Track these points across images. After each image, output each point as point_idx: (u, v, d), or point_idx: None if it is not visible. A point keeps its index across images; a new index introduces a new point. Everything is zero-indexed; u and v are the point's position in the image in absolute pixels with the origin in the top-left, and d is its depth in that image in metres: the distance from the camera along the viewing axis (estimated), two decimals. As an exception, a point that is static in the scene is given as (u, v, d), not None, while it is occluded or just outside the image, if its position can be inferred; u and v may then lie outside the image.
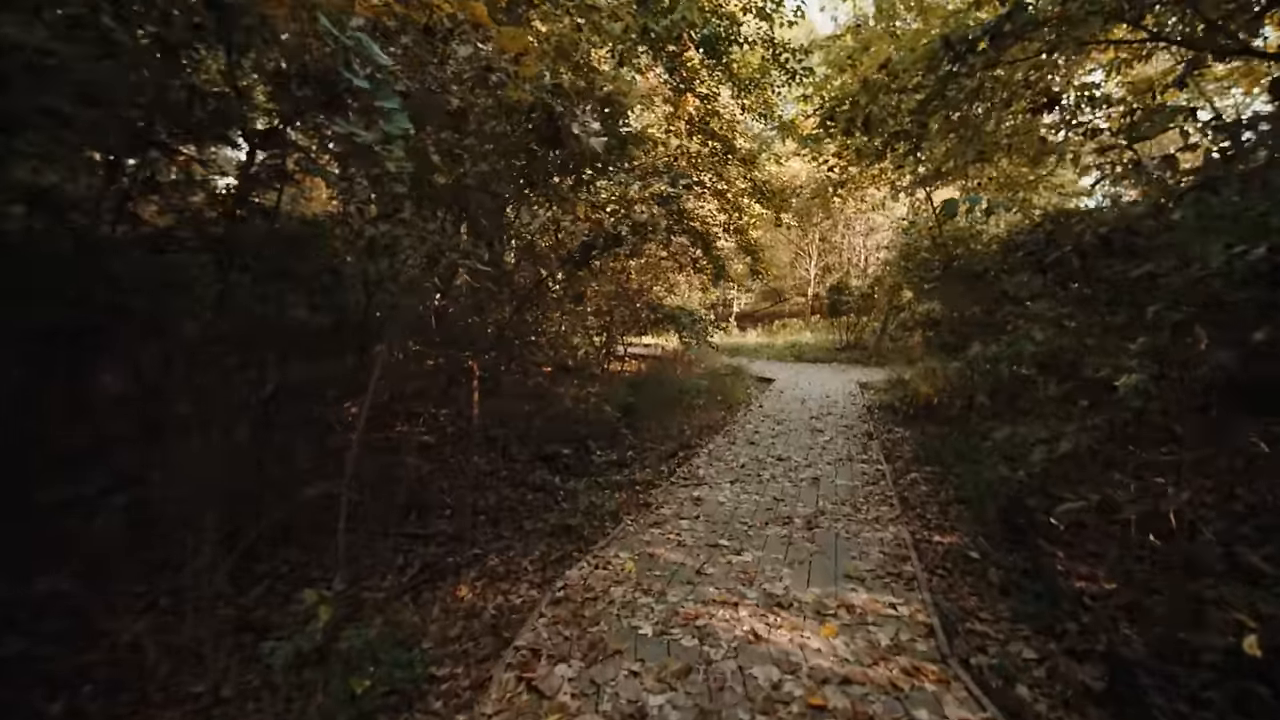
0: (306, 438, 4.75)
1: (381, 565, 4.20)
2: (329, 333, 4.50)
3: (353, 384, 4.99)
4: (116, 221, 3.37)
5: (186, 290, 3.65)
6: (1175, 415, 2.14)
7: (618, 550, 3.65)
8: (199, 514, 3.24)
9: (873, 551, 3.60)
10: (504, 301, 6.11)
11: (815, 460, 5.90)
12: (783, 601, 2.94)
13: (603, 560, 3.53)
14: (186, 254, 3.65)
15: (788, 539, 3.81)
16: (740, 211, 11.29)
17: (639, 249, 8.80)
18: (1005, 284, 4.64)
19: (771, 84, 8.92)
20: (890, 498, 4.68)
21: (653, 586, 3.15)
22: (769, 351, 17.88)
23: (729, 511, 4.36)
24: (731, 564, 3.42)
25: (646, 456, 6.59)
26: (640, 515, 4.34)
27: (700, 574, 3.29)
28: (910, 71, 4.93)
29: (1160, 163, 2.65)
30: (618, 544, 3.79)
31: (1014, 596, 3.51)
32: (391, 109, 2.13)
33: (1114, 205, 2.59)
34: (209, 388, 3.82)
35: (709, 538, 3.84)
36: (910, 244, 8.35)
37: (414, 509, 4.93)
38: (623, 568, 3.40)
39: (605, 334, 10.16)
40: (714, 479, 5.24)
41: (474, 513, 5.00)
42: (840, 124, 5.62)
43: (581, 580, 3.28)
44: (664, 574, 3.31)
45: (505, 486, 5.61)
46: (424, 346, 6.02)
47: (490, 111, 3.30)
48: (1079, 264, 2.62)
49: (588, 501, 4.95)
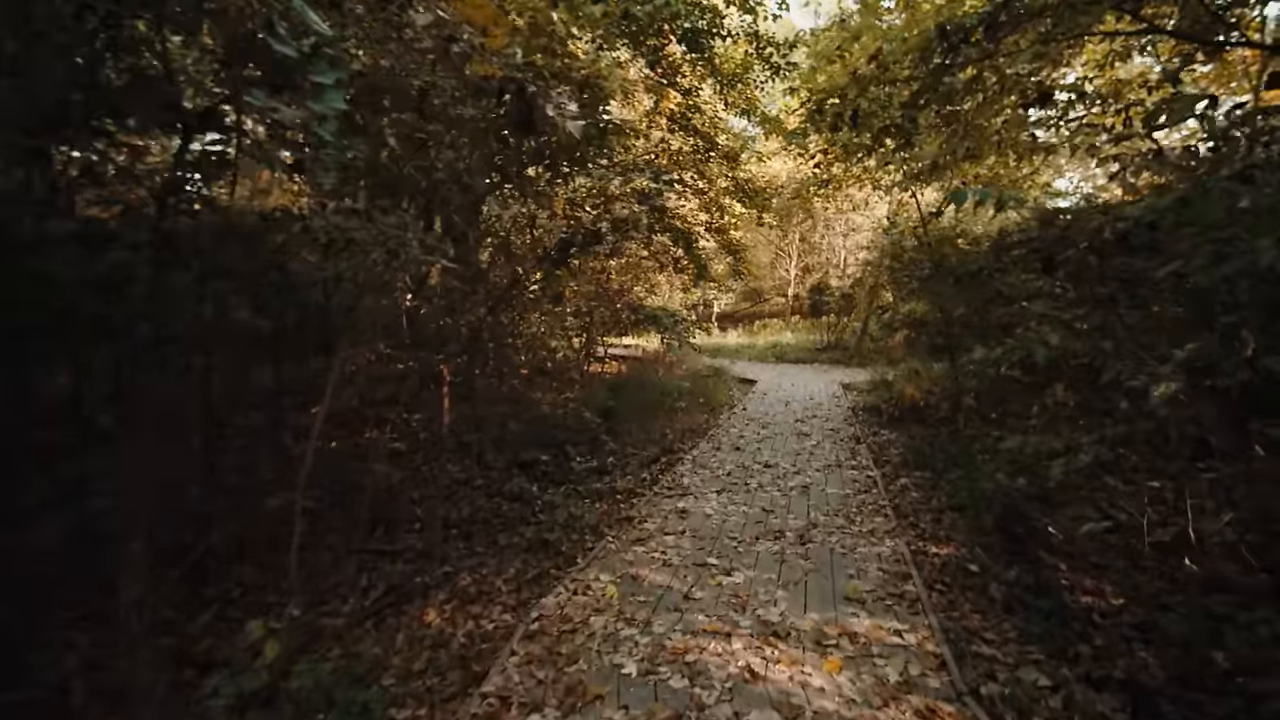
0: (271, 446, 4.39)
1: (343, 586, 3.86)
2: (286, 334, 4.15)
3: (317, 388, 4.66)
4: (50, 216, 2.99)
5: (126, 290, 3.27)
6: (1210, 426, 1.95)
7: (598, 572, 3.36)
8: (139, 529, 2.88)
9: (871, 569, 3.38)
10: (478, 302, 5.79)
11: (804, 467, 5.68)
12: (779, 630, 2.69)
13: (582, 584, 3.24)
14: (127, 251, 3.29)
15: (780, 555, 3.57)
16: (722, 211, 11.10)
17: (619, 248, 8.53)
18: (999, 283, 4.48)
19: (754, 79, 8.73)
20: (884, 507, 4.48)
21: (636, 615, 2.87)
22: (750, 352, 17.75)
23: (716, 525, 4.11)
24: (722, 586, 3.15)
25: (628, 463, 6.33)
26: (622, 530, 4.06)
27: (688, 599, 3.03)
28: (902, 63, 4.75)
29: (1181, 153, 2.46)
30: (598, 564, 3.51)
31: (1019, 614, 3.31)
32: (324, 84, 1.81)
33: (1135, 199, 2.40)
34: (158, 393, 3.46)
35: (696, 555, 3.58)
36: (895, 243, 8.22)
37: (381, 522, 4.60)
38: (604, 593, 3.11)
39: (585, 335, 9.87)
40: (699, 488, 4.98)
41: (445, 526, 4.68)
42: (828, 118, 5.43)
43: (558, 609, 2.99)
44: (649, 599, 3.03)
45: (480, 496, 5.30)
46: (395, 349, 5.73)
47: (456, 94, 2.99)
48: (1097, 262, 2.43)
49: (566, 513, 4.67)
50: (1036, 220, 2.87)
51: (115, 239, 3.19)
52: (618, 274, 10.57)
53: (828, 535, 3.88)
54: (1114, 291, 2.50)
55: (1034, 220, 3.08)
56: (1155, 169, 2.48)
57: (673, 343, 9.80)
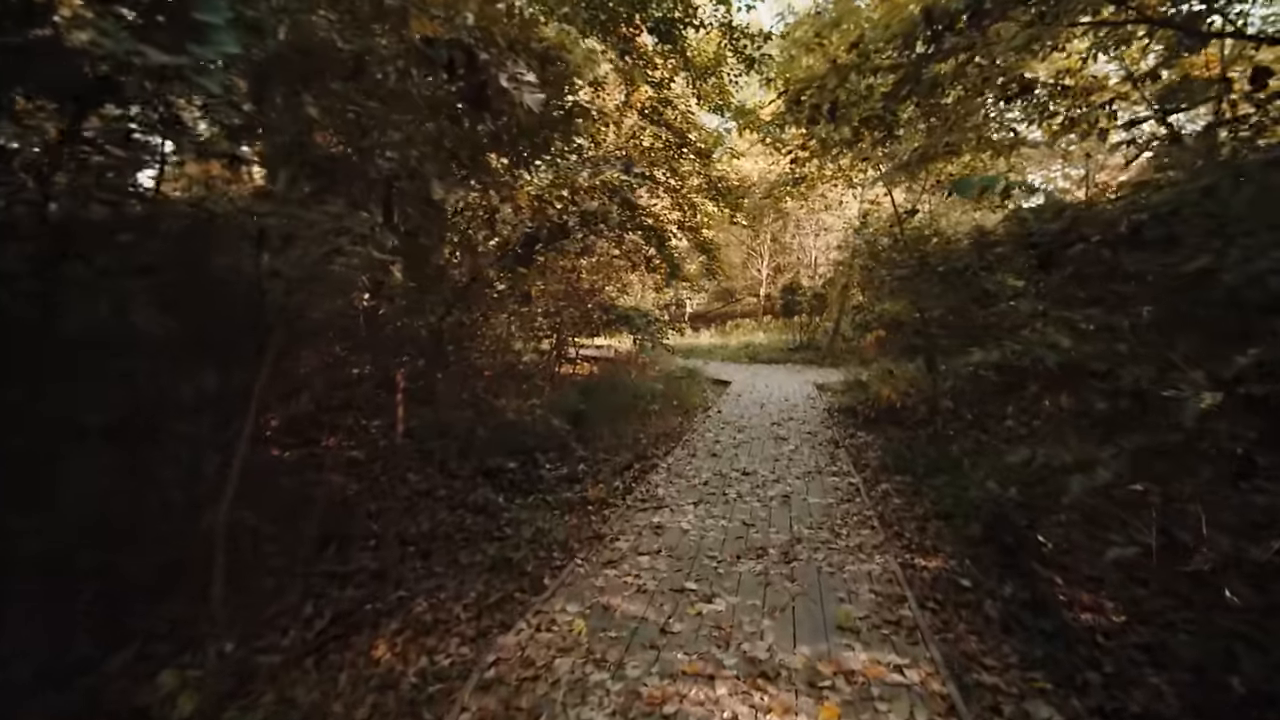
0: (220, 457, 3.94)
1: (286, 615, 3.43)
2: (206, 336, 3.68)
3: (268, 393, 4.25)
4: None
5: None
6: (1257, 441, 1.73)
7: (565, 602, 3.01)
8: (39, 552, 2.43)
9: (862, 590, 3.12)
10: (436, 302, 5.38)
11: (783, 474, 5.43)
12: (768, 670, 2.39)
13: (547, 618, 2.89)
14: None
15: (764, 577, 3.28)
16: (695, 209, 10.87)
17: (590, 245, 8.19)
18: (986, 282, 4.30)
19: (728, 72, 8.49)
20: (870, 518, 4.25)
21: (608, 655, 2.54)
22: (723, 352, 17.59)
23: (694, 542, 3.80)
24: (702, 616, 2.84)
25: (600, 470, 6.00)
26: (593, 551, 3.72)
27: (665, 632, 2.71)
28: (884, 51, 4.53)
29: (1199, 138, 2.25)
30: (565, 592, 3.16)
31: (1017, 634, 3.10)
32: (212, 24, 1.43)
33: (1157, 187, 2.20)
34: (79, 398, 2.99)
35: (673, 579, 3.26)
36: (869, 242, 8.09)
37: (334, 539, 4.17)
38: (571, 628, 2.77)
39: (555, 336, 9.50)
40: (675, 500, 4.68)
41: (403, 543, 4.28)
42: (805, 110, 5.19)
43: (519, 649, 2.63)
44: (621, 634, 2.70)
45: (442, 508, 4.90)
46: (351, 351, 5.31)
47: (397, 62, 2.60)
48: (1110, 256, 2.22)
49: (533, 528, 4.31)
50: (1050, 212, 2.65)
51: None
52: (589, 273, 10.25)
53: (813, 551, 3.62)
54: (1128, 289, 2.28)
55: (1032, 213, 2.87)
56: (1171, 155, 2.27)
57: (645, 343, 9.51)
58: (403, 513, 4.64)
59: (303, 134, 2.42)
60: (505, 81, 2.35)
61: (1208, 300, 1.97)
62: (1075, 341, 2.22)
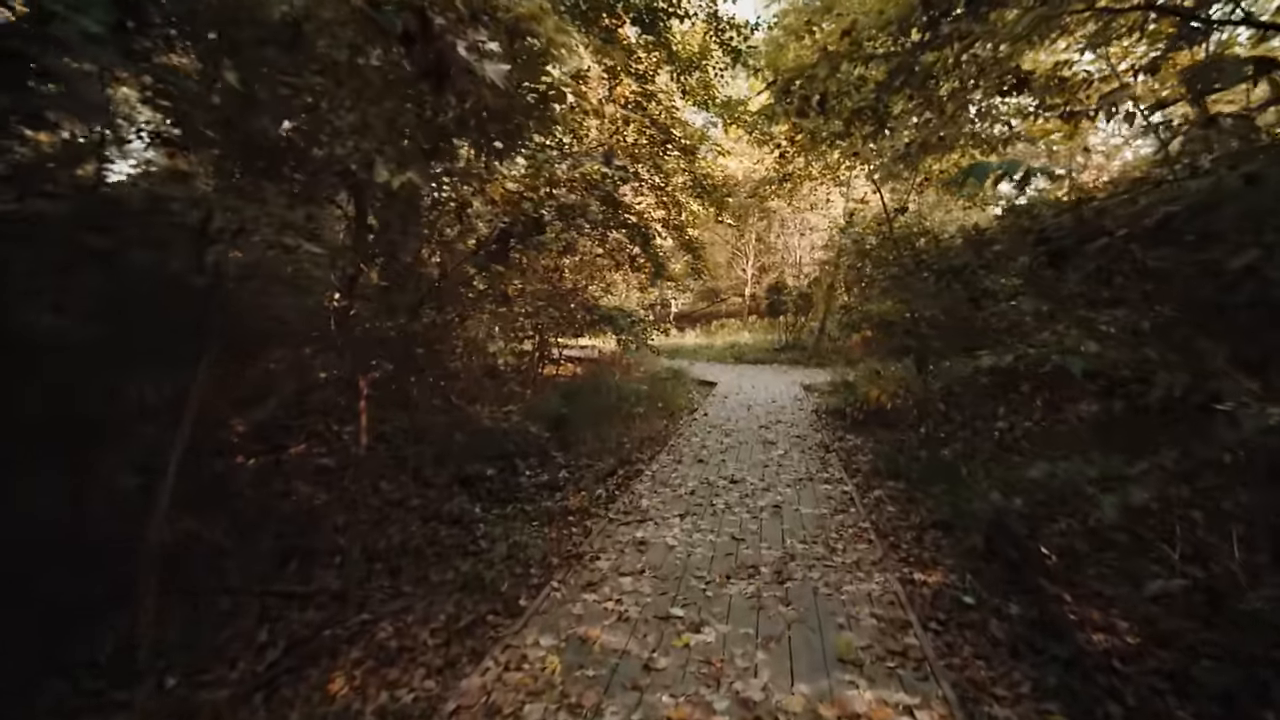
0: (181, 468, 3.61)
1: (238, 642, 3.11)
2: (125, 339, 3.33)
3: (219, 398, 3.93)
4: None
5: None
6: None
7: (538, 634, 2.72)
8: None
9: (863, 615, 2.88)
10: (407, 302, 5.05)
11: (773, 482, 5.19)
12: (764, 714, 2.13)
13: (517, 653, 2.59)
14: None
15: (756, 600, 3.03)
16: (679, 207, 10.63)
17: (572, 244, 7.89)
18: (987, 281, 4.10)
19: (713, 65, 8.25)
20: (865, 530, 4.02)
21: (584, 698, 2.25)
22: (708, 353, 17.38)
23: (680, 560, 3.53)
24: (690, 649, 2.57)
25: (582, 476, 5.74)
26: (571, 572, 3.44)
27: (649, 669, 2.43)
28: (877, 38, 4.31)
29: (1237, 121, 2.04)
30: (540, 621, 2.87)
31: (1027, 658, 2.89)
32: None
33: (1191, 174, 1.98)
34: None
35: (658, 604, 2.99)
36: (857, 241, 7.91)
37: (297, 555, 3.86)
38: (543, 665, 2.48)
39: (538, 337, 9.19)
40: (660, 512, 4.40)
41: (370, 559, 3.97)
42: (794, 100, 4.96)
43: (484, 694, 2.34)
44: (600, 672, 2.42)
45: (414, 519, 4.60)
46: (318, 353, 4.99)
47: (343, 29, 2.29)
48: (1140, 253, 2.00)
49: (509, 544, 4.04)
50: (1065, 205, 2.44)
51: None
52: (572, 272, 9.97)
53: (808, 570, 3.37)
54: (1153, 288, 2.07)
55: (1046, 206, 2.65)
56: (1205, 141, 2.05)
57: (629, 344, 9.25)
58: (372, 525, 4.33)
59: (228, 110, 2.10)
60: (464, 51, 2.05)
61: (1259, 300, 1.74)
62: (1107, 347, 1.99)
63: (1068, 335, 2.22)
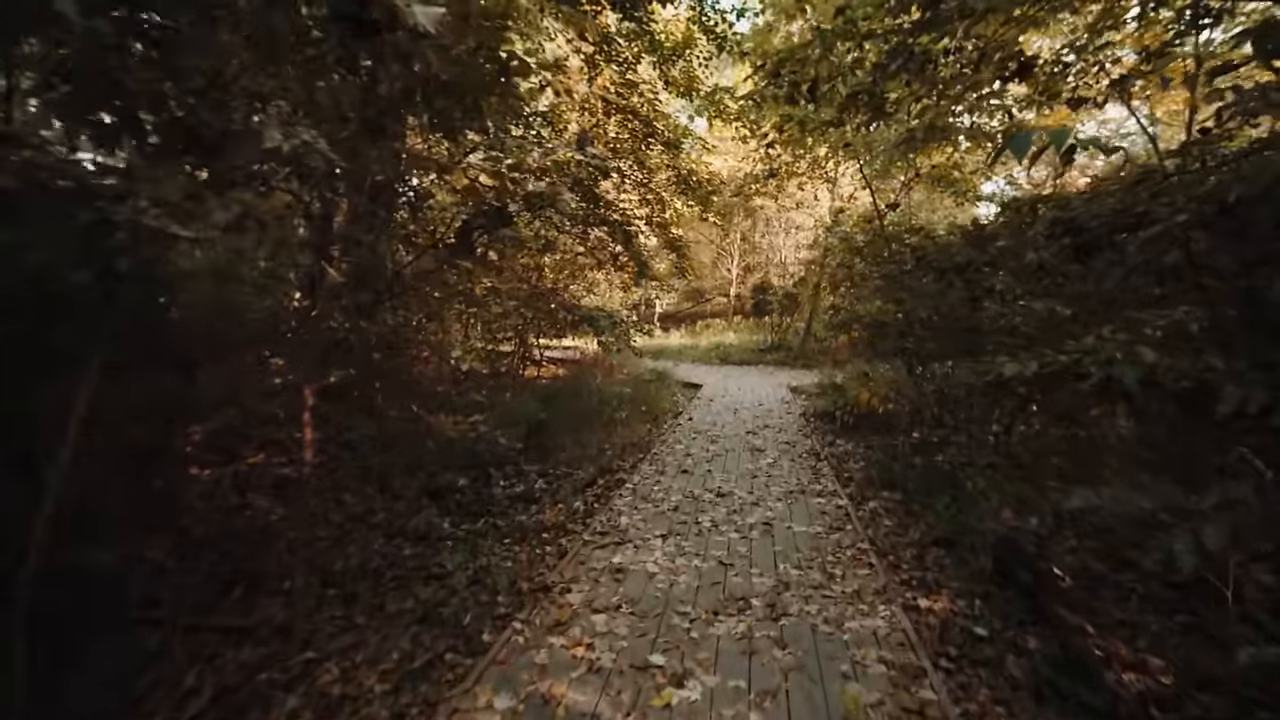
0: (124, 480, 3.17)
1: (160, 689, 2.66)
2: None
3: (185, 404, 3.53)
4: None
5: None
6: None
7: (492, 693, 2.31)
8: None
9: (869, 659, 2.51)
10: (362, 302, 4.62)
11: (762, 495, 4.83)
12: (759, 802, 1.76)
13: (466, 717, 2.19)
14: None
15: (747, 641, 2.65)
16: (663, 204, 10.27)
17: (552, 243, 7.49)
18: (988, 279, 3.78)
19: (697, 54, 7.90)
20: (865, 552, 3.67)
21: (543, 782, 1.86)
22: (693, 353, 17.04)
23: (662, 591, 3.15)
24: (671, 710, 2.19)
25: (560, 487, 5.36)
26: (536, 608, 3.04)
27: (622, 739, 2.05)
28: (874, 16, 3.98)
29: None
30: (496, 674, 2.46)
31: (1053, 704, 2.55)
32: None
33: (1265, 145, 1.67)
34: None
35: (635, 649, 2.60)
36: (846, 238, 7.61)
37: (242, 580, 3.42)
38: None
39: (518, 339, 8.77)
40: (640, 532, 4.02)
41: (323, 583, 3.54)
42: (784, 86, 4.61)
43: (420, 778, 1.93)
44: (564, 744, 2.03)
45: (377, 536, 4.18)
46: (271, 357, 4.61)
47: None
48: (1203, 246, 1.67)
49: (474, 569, 3.64)
50: (1133, 179, 2.10)
51: None
52: (552, 271, 9.58)
53: (805, 602, 3.00)
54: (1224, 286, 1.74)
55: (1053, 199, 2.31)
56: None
57: (612, 345, 8.87)
58: (331, 544, 3.91)
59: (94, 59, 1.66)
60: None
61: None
62: (1163, 355, 1.65)
63: (1110, 340, 1.88)
